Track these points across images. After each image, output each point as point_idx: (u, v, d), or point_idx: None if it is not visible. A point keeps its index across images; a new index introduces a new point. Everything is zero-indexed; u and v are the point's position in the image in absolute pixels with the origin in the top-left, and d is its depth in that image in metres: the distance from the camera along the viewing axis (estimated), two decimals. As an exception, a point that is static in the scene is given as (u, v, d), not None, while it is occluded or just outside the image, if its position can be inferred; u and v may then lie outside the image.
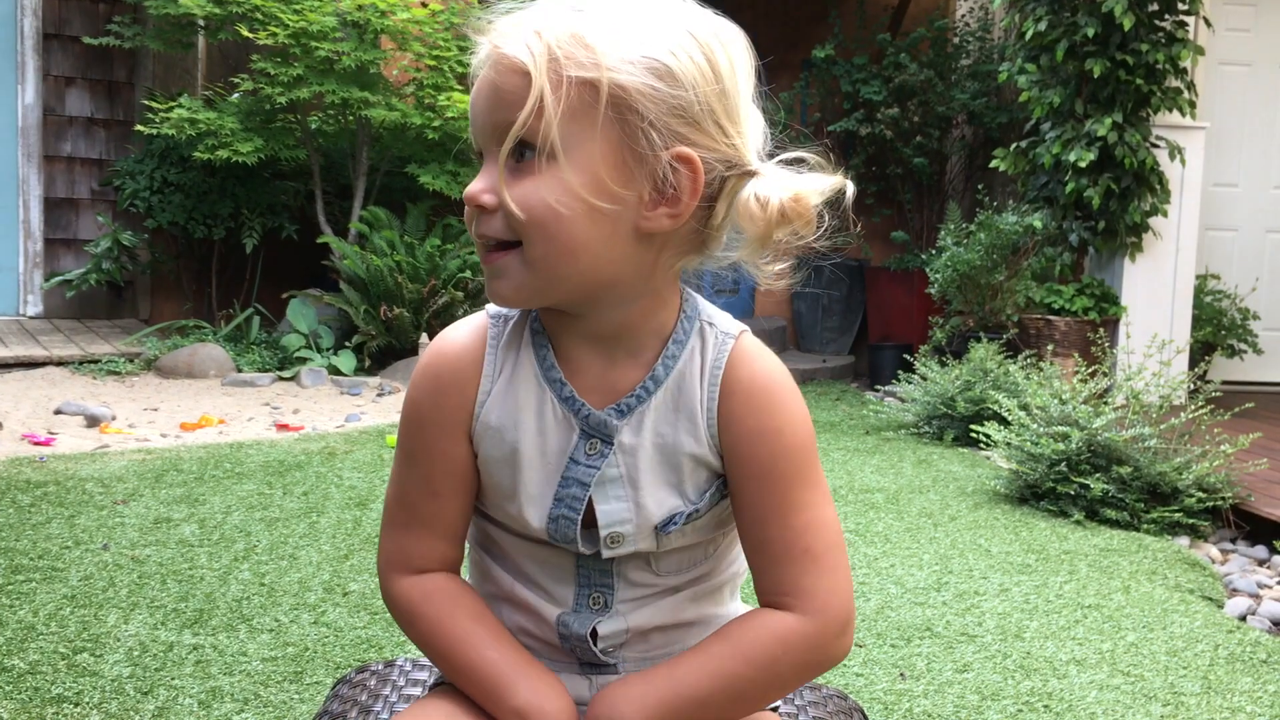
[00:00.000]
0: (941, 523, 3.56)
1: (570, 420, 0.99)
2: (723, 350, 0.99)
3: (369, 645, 2.35)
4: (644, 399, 0.98)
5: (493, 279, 0.94)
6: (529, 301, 0.97)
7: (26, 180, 6.61)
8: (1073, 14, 5.54)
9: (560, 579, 1.03)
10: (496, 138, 0.91)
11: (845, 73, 7.25)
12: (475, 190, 0.92)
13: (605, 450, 0.98)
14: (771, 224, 0.95)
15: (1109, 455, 3.69)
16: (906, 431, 5.07)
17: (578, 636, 1.02)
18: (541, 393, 0.99)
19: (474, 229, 0.95)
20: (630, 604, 1.02)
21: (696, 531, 1.01)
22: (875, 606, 2.76)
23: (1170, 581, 3.08)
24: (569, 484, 0.98)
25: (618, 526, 0.98)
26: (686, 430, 0.98)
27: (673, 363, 0.99)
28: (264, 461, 3.85)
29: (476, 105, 0.94)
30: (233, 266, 6.65)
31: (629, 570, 1.02)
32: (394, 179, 6.33)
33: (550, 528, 0.99)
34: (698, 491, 0.99)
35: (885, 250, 7.46)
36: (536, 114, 0.88)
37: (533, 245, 0.91)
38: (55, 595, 2.52)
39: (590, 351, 0.99)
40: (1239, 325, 6.26)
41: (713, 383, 0.99)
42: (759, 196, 0.94)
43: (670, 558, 1.03)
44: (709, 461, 0.99)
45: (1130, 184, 5.55)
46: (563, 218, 0.90)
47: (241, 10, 5.54)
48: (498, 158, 0.91)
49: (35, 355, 5.54)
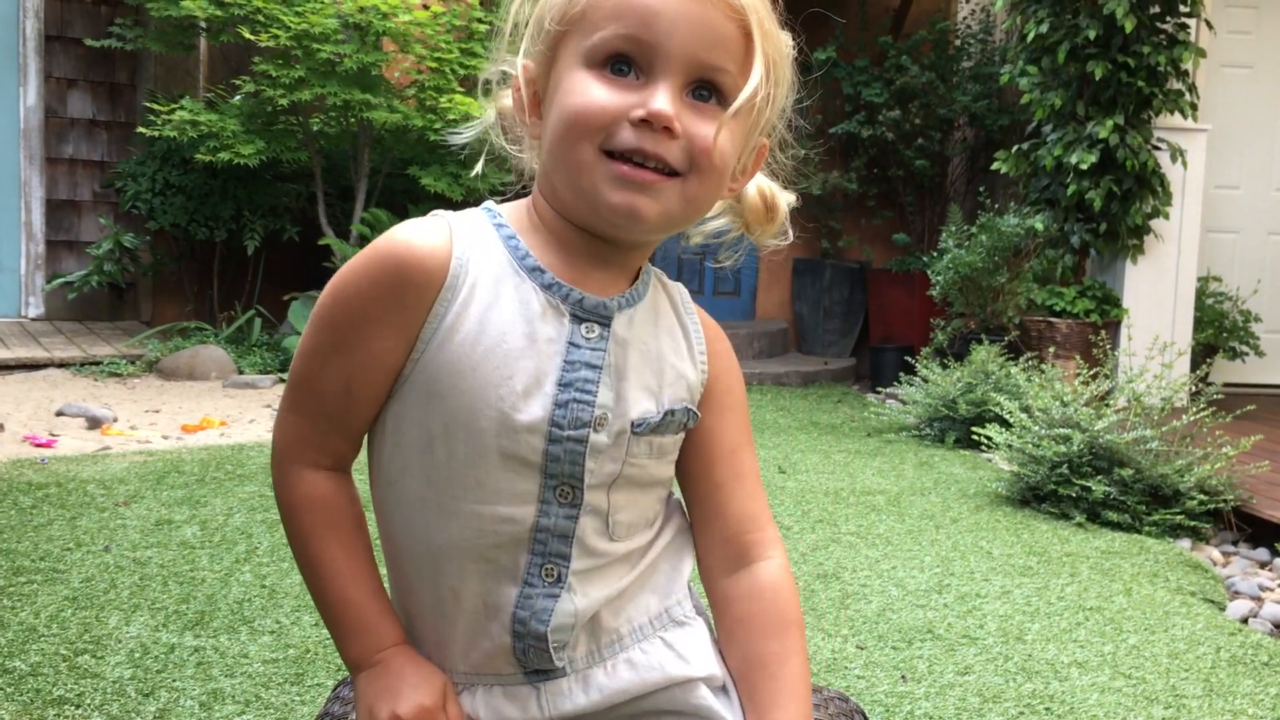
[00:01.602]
0: (943, 525, 3.56)
1: (559, 306, 0.99)
2: (684, 292, 1.11)
3: (370, 647, 2.35)
4: (633, 302, 1.03)
5: (639, 194, 0.93)
6: (664, 229, 0.98)
7: (28, 182, 6.62)
8: (1074, 16, 5.54)
9: (511, 547, 0.98)
10: (690, 69, 0.94)
11: (847, 75, 7.25)
12: (670, 113, 0.92)
13: (604, 334, 1.00)
14: (762, 217, 1.09)
15: (1111, 457, 3.69)
16: (908, 434, 5.07)
17: (535, 635, 0.98)
18: (521, 283, 0.98)
19: (633, 142, 0.92)
20: (582, 576, 1.00)
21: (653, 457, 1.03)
22: (876, 608, 2.76)
23: (1172, 584, 3.08)
24: (576, 367, 0.98)
25: (605, 408, 0.99)
26: (669, 344, 1.04)
27: (645, 288, 1.05)
28: (265, 463, 3.85)
29: (673, 22, 0.92)
30: (234, 268, 6.65)
31: (587, 534, 1.00)
32: (396, 181, 6.33)
33: (558, 414, 0.96)
34: (673, 402, 1.03)
35: (886, 252, 7.45)
36: (755, 89, 0.94)
37: (702, 184, 0.96)
38: (57, 597, 2.52)
39: (596, 268, 1.02)
40: (1241, 327, 6.26)
41: (690, 314, 1.08)
42: (764, 191, 1.09)
43: (624, 514, 1.02)
44: (689, 379, 1.04)
45: (1132, 186, 5.55)
46: (730, 170, 0.99)
47: (243, 12, 5.54)
48: (679, 84, 0.94)
49: (37, 357, 5.54)
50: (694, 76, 0.94)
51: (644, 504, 1.04)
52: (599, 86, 0.93)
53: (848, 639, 2.55)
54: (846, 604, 2.78)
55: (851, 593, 2.86)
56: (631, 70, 0.94)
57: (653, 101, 0.92)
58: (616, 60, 0.94)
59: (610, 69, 0.94)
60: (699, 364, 1.05)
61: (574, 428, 0.97)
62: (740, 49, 0.94)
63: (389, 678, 0.98)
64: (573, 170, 0.95)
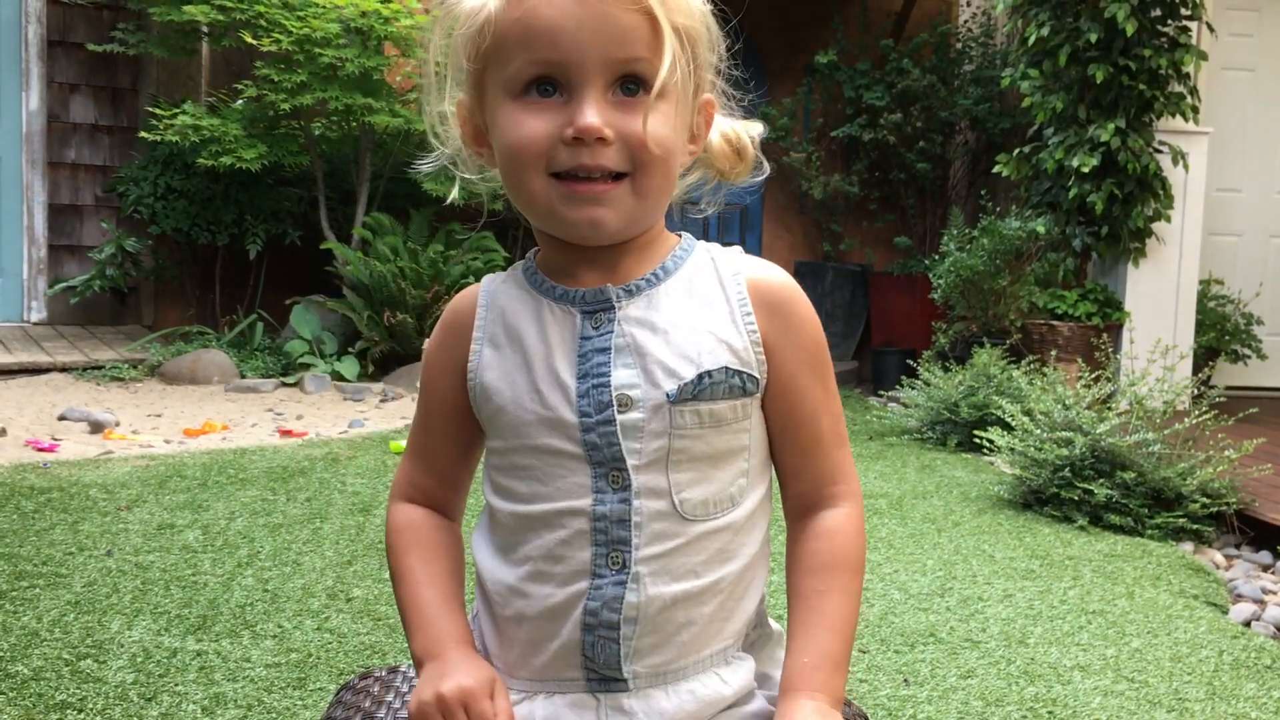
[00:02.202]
0: (945, 528, 3.56)
1: (569, 309, 1.04)
2: (735, 261, 1.07)
3: (372, 651, 2.35)
4: (654, 283, 1.05)
5: (597, 208, 0.98)
6: (628, 231, 1.01)
7: (31, 186, 6.63)
8: (1075, 19, 5.54)
9: (577, 540, 1.00)
10: (608, 71, 0.95)
11: (848, 78, 7.25)
12: (597, 124, 0.95)
13: (610, 318, 1.03)
14: (733, 160, 1.11)
15: (1113, 461, 3.68)
16: (910, 437, 5.07)
17: (606, 624, 0.99)
18: (537, 304, 1.06)
19: (571, 161, 0.96)
20: (653, 562, 1.00)
21: (707, 427, 1.01)
22: (879, 612, 2.75)
23: (1174, 587, 3.08)
24: (589, 356, 1.02)
25: (626, 389, 1.00)
26: (704, 312, 1.04)
27: (682, 260, 1.06)
28: (267, 467, 3.85)
29: (576, 33, 0.94)
30: (236, 272, 6.65)
31: (651, 518, 1.00)
32: (397, 185, 6.33)
33: (582, 403, 1.00)
34: (713, 365, 1.01)
35: (888, 255, 7.46)
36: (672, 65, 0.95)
37: (650, 177, 0.98)
38: (59, 601, 2.52)
39: (597, 272, 1.05)
40: (1243, 330, 6.26)
41: (738, 285, 1.05)
42: (727, 135, 1.11)
43: (693, 491, 1.02)
44: (733, 344, 1.03)
45: (1133, 189, 5.54)
46: (677, 152, 1.01)
47: (245, 17, 5.56)
48: (601, 89, 0.95)
49: (39, 361, 5.55)
50: (615, 75, 0.96)
51: (717, 480, 1.03)
52: (527, 117, 0.97)
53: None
54: (849, 607, 2.77)
55: (854, 596, 2.86)
56: (555, 89, 0.97)
57: (578, 118, 0.95)
58: (538, 83, 0.97)
59: (535, 93, 0.97)
60: (744, 328, 1.04)
61: (599, 411, 1.00)
62: (649, 33, 0.95)
63: (442, 666, 1.03)
64: (528, 201, 1.00)
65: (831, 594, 1.04)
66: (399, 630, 2.46)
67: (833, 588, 1.05)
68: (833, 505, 1.08)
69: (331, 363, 5.83)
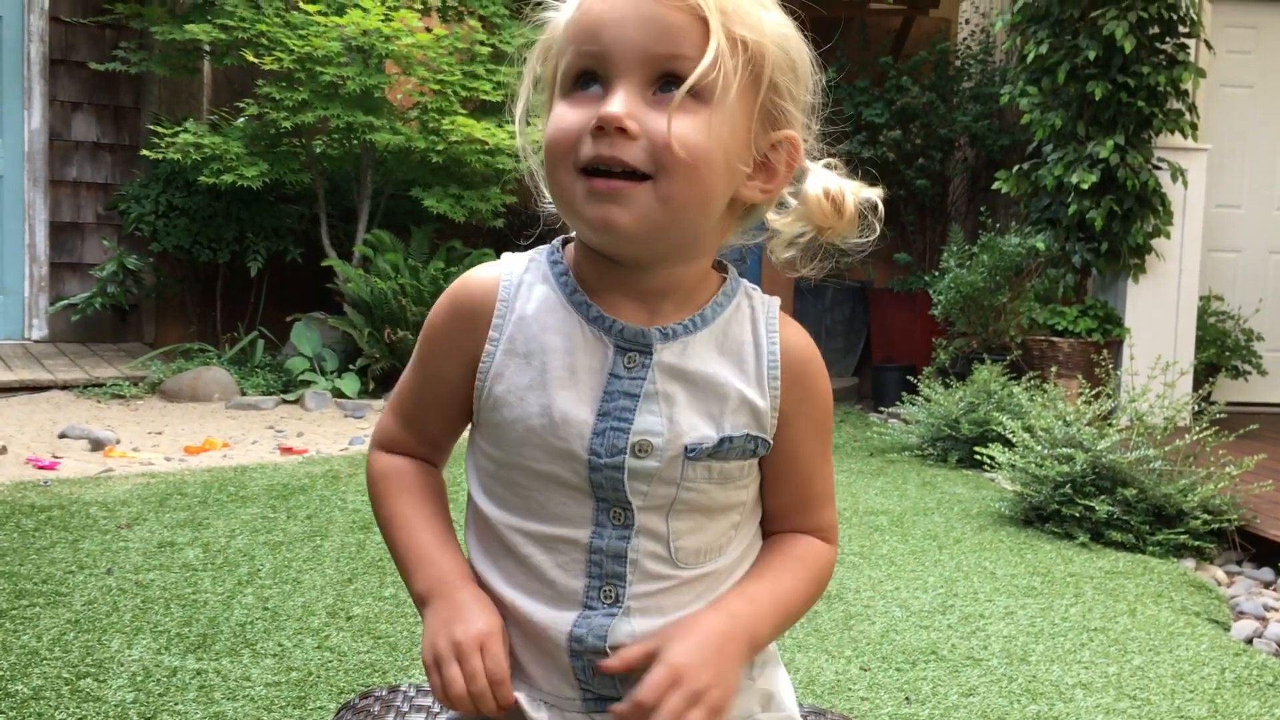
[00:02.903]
0: (946, 545, 3.56)
1: (603, 339, 1.00)
2: (772, 313, 1.05)
3: (373, 670, 2.35)
4: (690, 330, 1.01)
5: (610, 204, 0.92)
6: (645, 238, 0.95)
7: (32, 204, 6.64)
8: (1074, 37, 5.57)
9: (571, 567, 1.00)
10: (647, 66, 0.92)
11: (848, 95, 7.28)
12: (619, 113, 0.90)
13: (645, 362, 0.99)
14: (830, 216, 1.05)
15: (1114, 477, 3.68)
16: (910, 453, 5.07)
17: (592, 650, 0.98)
18: (568, 316, 1.01)
19: (591, 151, 0.92)
20: (644, 600, 1.00)
21: (715, 482, 1.01)
22: (880, 630, 2.75)
23: (1176, 604, 3.07)
24: (614, 397, 0.98)
25: (648, 435, 0.98)
26: (733, 370, 1.01)
27: (720, 309, 1.03)
28: (268, 485, 3.85)
29: (619, 25, 0.92)
30: (237, 290, 6.66)
31: (646, 559, 1.00)
32: (398, 202, 6.35)
33: (595, 441, 0.97)
34: (734, 429, 1.00)
35: (888, 272, 7.46)
36: (711, 63, 0.90)
37: (674, 182, 0.92)
38: (59, 620, 2.52)
39: (632, 304, 1.01)
40: (1243, 346, 6.26)
41: (771, 339, 1.03)
42: (829, 190, 1.05)
43: (689, 540, 1.01)
44: (756, 405, 1.01)
45: (1133, 205, 5.56)
46: (713, 164, 0.93)
47: (247, 36, 5.58)
48: (638, 84, 0.92)
49: (40, 379, 5.55)
50: (654, 71, 0.92)
51: (712, 530, 1.03)
52: (567, 110, 0.94)
53: (851, 660, 2.54)
54: (850, 625, 2.77)
55: (855, 614, 2.86)
56: (596, 83, 0.94)
57: (603, 106, 0.91)
58: (582, 80, 0.95)
59: (580, 88, 0.95)
60: (769, 390, 1.02)
61: (610, 455, 0.98)
62: (698, 35, 0.91)
63: (451, 609, 1.00)
64: (560, 197, 0.97)
65: (791, 574, 1.06)
66: (400, 649, 2.46)
67: (794, 573, 1.06)
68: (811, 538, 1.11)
69: (332, 380, 5.83)
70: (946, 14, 7.81)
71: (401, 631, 2.56)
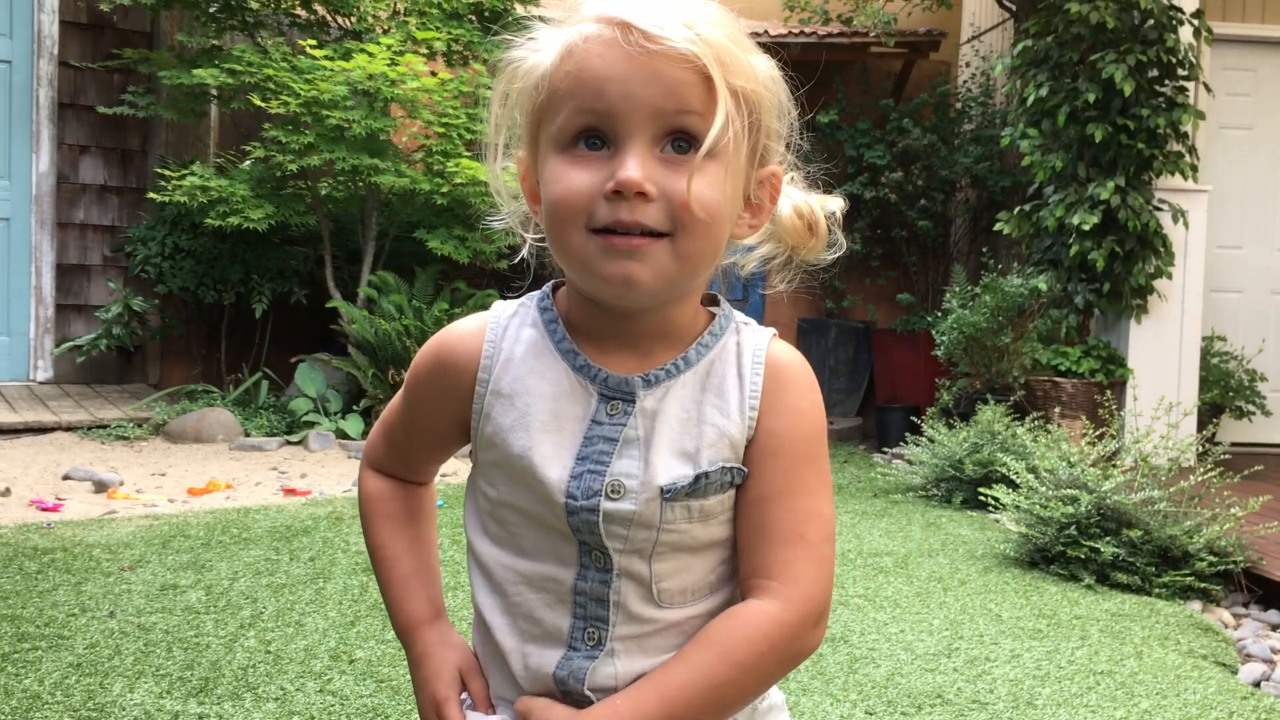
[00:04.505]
0: (951, 587, 3.54)
1: (587, 388, 1.01)
2: (760, 344, 1.04)
3: (375, 714, 2.34)
4: (673, 374, 1.01)
5: (631, 262, 0.93)
6: (663, 292, 0.96)
7: (39, 247, 6.68)
8: (1073, 80, 5.61)
9: (558, 607, 1.01)
10: (656, 123, 0.92)
11: (849, 137, 7.33)
12: (638, 178, 0.91)
13: (628, 409, 1.00)
14: (804, 236, 1.07)
15: (1119, 518, 3.67)
16: (914, 494, 5.05)
17: (575, 695, 1.00)
18: (554, 362, 1.02)
19: (609, 216, 0.92)
20: (625, 642, 1.00)
21: (695, 521, 0.99)
22: (885, 673, 2.73)
23: (1183, 647, 3.05)
24: (594, 441, 0.99)
25: (622, 477, 0.98)
26: (714, 406, 1.01)
27: (705, 350, 1.03)
28: (271, 527, 3.85)
29: (624, 83, 0.92)
30: (242, 331, 6.69)
31: (629, 600, 1.00)
32: (403, 244, 6.38)
33: (572, 485, 0.98)
34: (710, 464, 0.99)
35: (891, 312, 7.48)
36: (725, 124, 0.92)
37: (692, 240, 0.94)
38: (61, 663, 2.51)
39: (623, 349, 1.02)
40: (1246, 387, 6.25)
41: (755, 368, 1.02)
42: (799, 209, 1.07)
43: (672, 581, 1.01)
44: (734, 439, 1.00)
45: (1134, 246, 5.58)
46: (726, 218, 0.96)
47: (254, 80, 5.64)
48: (647, 143, 0.92)
49: (44, 420, 5.56)
50: (664, 129, 0.92)
51: (696, 570, 1.02)
52: (573, 170, 0.94)
53: (856, 704, 2.52)
54: (855, 668, 2.76)
55: (860, 656, 2.84)
56: (603, 143, 0.94)
57: (620, 170, 0.91)
58: (585, 136, 0.94)
59: (583, 145, 0.95)
60: (746, 418, 1.01)
61: (586, 497, 0.98)
62: (703, 90, 0.92)
63: (415, 667, 1.12)
64: (568, 256, 0.97)
65: (683, 663, 0.97)
66: (403, 692, 2.45)
67: (689, 658, 0.97)
68: (757, 596, 0.99)
69: (336, 421, 5.83)
70: (947, 57, 7.88)
71: (404, 675, 2.55)
